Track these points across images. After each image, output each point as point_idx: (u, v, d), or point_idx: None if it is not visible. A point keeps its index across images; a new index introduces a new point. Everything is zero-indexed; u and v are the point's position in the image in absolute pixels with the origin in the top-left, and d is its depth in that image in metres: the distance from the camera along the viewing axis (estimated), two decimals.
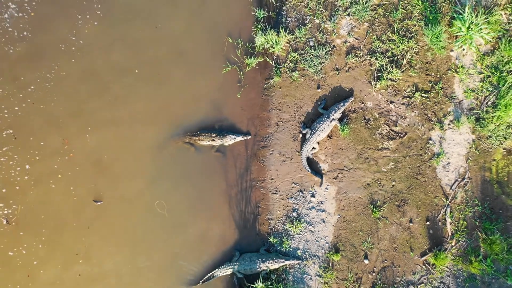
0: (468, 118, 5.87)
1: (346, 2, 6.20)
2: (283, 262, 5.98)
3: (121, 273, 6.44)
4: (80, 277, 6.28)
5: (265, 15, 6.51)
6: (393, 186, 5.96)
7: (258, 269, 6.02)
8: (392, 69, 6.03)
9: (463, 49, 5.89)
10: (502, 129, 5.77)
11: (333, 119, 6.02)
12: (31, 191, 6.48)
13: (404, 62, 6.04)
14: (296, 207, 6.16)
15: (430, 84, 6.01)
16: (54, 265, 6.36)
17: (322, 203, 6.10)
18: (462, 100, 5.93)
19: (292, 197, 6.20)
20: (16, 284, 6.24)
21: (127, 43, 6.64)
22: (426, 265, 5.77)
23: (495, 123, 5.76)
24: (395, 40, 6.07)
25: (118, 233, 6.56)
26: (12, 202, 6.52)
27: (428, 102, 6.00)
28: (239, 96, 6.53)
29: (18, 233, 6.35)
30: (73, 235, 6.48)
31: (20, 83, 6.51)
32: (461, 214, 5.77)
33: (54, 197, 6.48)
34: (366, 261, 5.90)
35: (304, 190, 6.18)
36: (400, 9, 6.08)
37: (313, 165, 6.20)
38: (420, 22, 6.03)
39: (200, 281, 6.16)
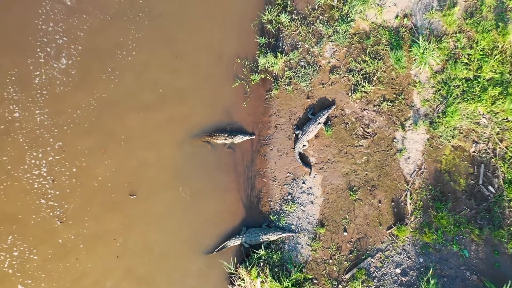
0: (423, 122, 7.34)
1: (329, 31, 7.67)
2: (281, 234, 7.33)
3: (152, 249, 7.55)
4: (118, 258, 7.48)
5: (266, 41, 7.87)
6: (366, 174, 7.47)
7: (261, 240, 7.33)
8: (365, 83, 7.45)
9: (420, 69, 7.26)
10: (450, 131, 7.18)
11: (319, 123, 7.42)
12: (78, 192, 7.55)
13: (375, 78, 7.49)
14: (291, 192, 7.70)
15: (394, 95, 7.50)
16: (96, 249, 7.43)
17: (311, 188, 7.63)
18: (419, 108, 7.44)
19: (287, 184, 7.73)
20: (66, 262, 7.39)
21: (158, 68, 7.90)
22: (392, 236, 7.18)
23: (444, 126, 7.12)
24: (368, 61, 7.51)
25: (150, 218, 7.60)
26: (64, 203, 7.54)
27: (393, 109, 7.48)
28: (245, 105, 7.85)
29: (68, 223, 7.48)
30: (112, 224, 7.53)
31: (66, 114, 7.69)
32: (418, 197, 7.22)
33: (96, 195, 7.54)
34: (345, 233, 7.38)
35: (297, 178, 7.72)
36: (371, 37, 7.53)
37: (303, 158, 7.63)
38: (386, 47, 7.45)
39: (215, 250, 7.46)
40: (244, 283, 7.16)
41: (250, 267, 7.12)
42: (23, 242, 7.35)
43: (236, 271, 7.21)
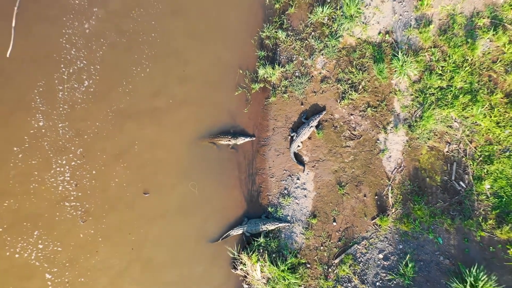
0: (403, 125, 8.28)
1: (320, 45, 8.65)
2: (278, 224, 8.24)
3: (163, 240, 8.34)
4: (132, 250, 8.28)
5: (265, 54, 8.82)
6: (352, 172, 8.44)
7: (261, 230, 8.21)
8: (352, 92, 8.42)
9: (399, 79, 8.19)
10: (426, 133, 8.11)
11: (312, 126, 8.35)
12: (97, 193, 8.28)
13: (360, 87, 8.45)
14: (287, 187, 8.67)
15: (377, 102, 8.46)
16: (113, 242, 8.21)
17: (304, 184, 8.61)
18: (399, 113, 8.39)
19: (284, 180, 8.71)
20: (87, 253, 8.17)
21: (169, 79, 8.66)
22: (375, 225, 8.11)
23: (421, 129, 8.03)
24: (354, 72, 8.47)
25: (161, 212, 8.36)
26: (85, 203, 8.24)
27: (376, 114, 8.43)
28: (246, 111, 8.78)
29: (88, 218, 8.25)
30: (127, 220, 8.28)
31: (86, 125, 8.45)
32: (399, 191, 8.16)
33: (113, 194, 8.31)
34: (334, 223, 8.34)
35: (292, 175, 8.70)
36: (357, 51, 8.50)
37: (298, 157, 8.57)
38: (370, 60, 8.40)
39: (220, 238, 8.38)
40: (245, 267, 8.12)
41: (251, 253, 8.08)
42: (48, 237, 8.10)
43: (239, 256, 8.18)
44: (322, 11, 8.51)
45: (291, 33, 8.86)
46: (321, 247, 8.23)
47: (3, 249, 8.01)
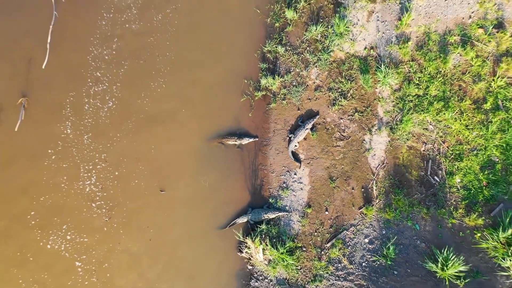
0: (385, 128, 9.31)
1: (314, 59, 9.74)
2: (278, 213, 9.21)
3: (178, 229, 9.20)
4: (150, 241, 9.18)
5: (267, 66, 9.81)
6: (342, 168, 9.57)
7: (263, 218, 9.15)
8: (342, 99, 9.45)
9: (382, 88, 9.32)
10: (405, 135, 9.14)
11: (307, 128, 9.33)
12: (119, 193, 9.18)
13: (349, 95, 9.54)
14: (285, 181, 9.86)
15: (364, 108, 9.57)
16: (133, 234, 9.12)
17: (300, 178, 9.76)
18: (382, 117, 9.52)
19: (283, 175, 9.89)
20: (110, 243, 9.06)
21: (183, 90, 9.69)
22: (362, 214, 9.13)
23: (401, 131, 9.04)
24: (343, 82, 9.54)
25: (176, 206, 9.26)
26: (109, 202, 9.12)
27: (363, 118, 9.52)
28: (250, 115, 9.71)
29: (111, 213, 9.20)
30: (146, 214, 9.17)
31: (109, 136, 9.48)
32: (382, 184, 9.24)
33: (133, 193, 9.20)
34: (327, 212, 9.44)
35: (290, 171, 9.88)
36: (346, 64, 9.55)
37: (295, 155, 9.54)
38: (357, 71, 9.46)
39: (228, 226, 9.36)
40: (250, 250, 9.30)
41: (254, 238, 9.16)
42: (75, 231, 9.10)
43: (244, 241, 9.42)
44: (316, 29, 9.80)
45: (289, 48, 10.08)
46: (315, 233, 9.45)
47: (37, 242, 9.09)
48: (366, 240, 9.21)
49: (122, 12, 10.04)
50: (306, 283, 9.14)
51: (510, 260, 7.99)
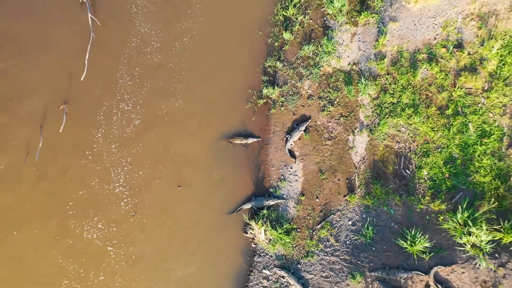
0: (366, 130, 10.98)
1: (307, 72, 11.49)
2: (276, 201, 10.68)
3: (193, 215, 10.52)
4: (169, 228, 10.53)
5: (267, 79, 11.24)
6: (330, 163, 11.31)
7: (264, 204, 10.57)
8: (330, 106, 11.18)
9: (363, 97, 11.13)
10: (382, 135, 10.59)
11: (301, 130, 10.84)
12: (143, 190, 10.47)
13: (335, 102, 11.27)
14: (283, 174, 11.66)
15: (348, 113, 11.15)
16: (154, 224, 10.34)
17: (296, 172, 11.51)
18: (363, 121, 11.23)
19: (281, 169, 11.64)
20: (135, 231, 10.36)
21: (196, 100, 11.30)
22: (346, 201, 10.57)
23: (378, 132, 10.41)
24: (331, 92, 11.20)
25: (192, 198, 10.61)
26: (135, 198, 10.32)
27: (347, 122, 11.13)
28: (254, 119, 11.20)
29: (137, 208, 10.47)
30: (165, 206, 10.43)
31: (132, 146, 10.61)
32: (363, 176, 10.84)
33: (156, 190, 10.48)
34: (317, 200, 11.15)
35: (287, 165, 11.62)
36: (333, 77, 11.06)
37: (291, 153, 10.97)
38: (342, 83, 10.96)
39: (235, 211, 10.99)
40: (253, 231, 11.17)
41: (257, 221, 10.86)
42: (105, 221, 10.32)
43: (249, 223, 11.28)
44: (308, 48, 11.66)
45: (286, 64, 11.56)
46: (307, 217, 11.27)
47: (72, 230, 10.56)
48: (350, 223, 10.95)
49: (147, 42, 11.43)
50: (300, 258, 10.96)
51: (466, 238, 9.68)
